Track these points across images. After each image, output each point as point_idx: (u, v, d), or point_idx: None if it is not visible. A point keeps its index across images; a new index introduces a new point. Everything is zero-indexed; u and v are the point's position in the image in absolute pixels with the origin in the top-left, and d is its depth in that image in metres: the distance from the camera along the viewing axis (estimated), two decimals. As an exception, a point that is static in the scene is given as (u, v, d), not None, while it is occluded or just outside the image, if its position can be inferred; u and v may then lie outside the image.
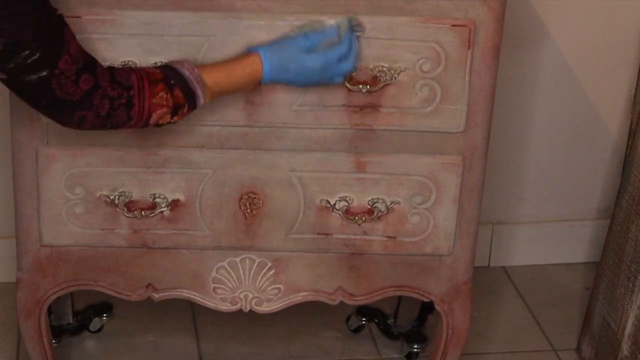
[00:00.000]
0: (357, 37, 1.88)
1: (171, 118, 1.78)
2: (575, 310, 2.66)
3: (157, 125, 1.79)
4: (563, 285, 2.77)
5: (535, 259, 2.83)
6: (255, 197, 2.00)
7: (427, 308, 2.39)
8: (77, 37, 1.86)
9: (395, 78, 1.92)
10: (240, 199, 2.00)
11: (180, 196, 1.99)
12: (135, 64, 1.88)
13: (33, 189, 1.97)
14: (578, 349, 2.52)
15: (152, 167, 1.97)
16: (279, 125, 1.95)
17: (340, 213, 2.01)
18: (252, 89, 1.88)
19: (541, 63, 2.63)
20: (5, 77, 1.65)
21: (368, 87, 1.91)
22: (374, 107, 1.94)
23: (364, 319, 2.52)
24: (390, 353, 2.49)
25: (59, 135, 1.94)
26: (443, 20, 1.89)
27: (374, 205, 2.01)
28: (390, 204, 2.01)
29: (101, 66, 1.73)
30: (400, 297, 2.48)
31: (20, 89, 1.68)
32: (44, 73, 1.64)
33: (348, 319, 2.54)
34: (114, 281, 2.07)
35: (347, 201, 2.01)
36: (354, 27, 1.87)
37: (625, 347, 2.31)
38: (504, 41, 1.95)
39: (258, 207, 2.00)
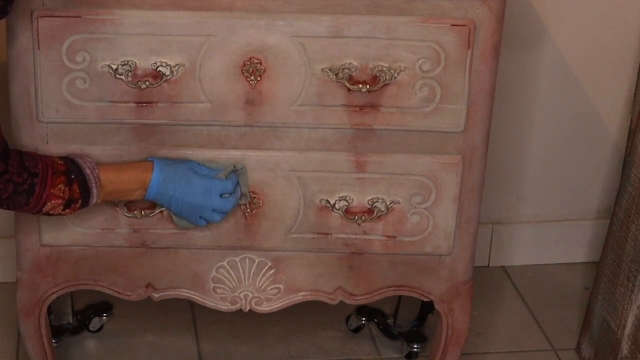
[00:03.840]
0: (239, 186, 1.97)
1: (62, 210, 1.84)
2: (575, 310, 2.66)
3: (47, 214, 1.84)
4: (563, 285, 2.77)
5: (535, 259, 2.83)
6: (255, 197, 2.00)
7: (427, 308, 2.39)
8: (77, 37, 1.86)
9: (395, 78, 1.92)
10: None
11: (180, 196, 1.99)
12: (135, 64, 1.88)
13: (33, 189, 1.97)
14: (578, 349, 2.52)
15: (152, 167, 1.97)
16: (279, 125, 1.95)
17: (340, 213, 2.01)
18: (139, 196, 1.92)
19: (541, 63, 2.63)
20: None
21: (368, 87, 1.92)
22: (374, 107, 1.94)
23: (364, 319, 2.52)
24: (390, 353, 2.49)
25: (59, 135, 1.94)
26: (443, 20, 1.89)
27: (374, 205, 2.01)
28: (390, 203, 2.01)
29: (13, 152, 1.78)
30: (400, 297, 2.48)
31: None
32: None
33: (348, 319, 2.54)
34: (114, 281, 2.07)
35: (347, 201, 2.01)
36: (239, 176, 1.96)
37: (625, 347, 2.31)
38: (504, 41, 1.95)
39: (258, 207, 2.00)
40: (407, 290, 2.11)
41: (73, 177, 1.84)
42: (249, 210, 2.00)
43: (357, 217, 2.01)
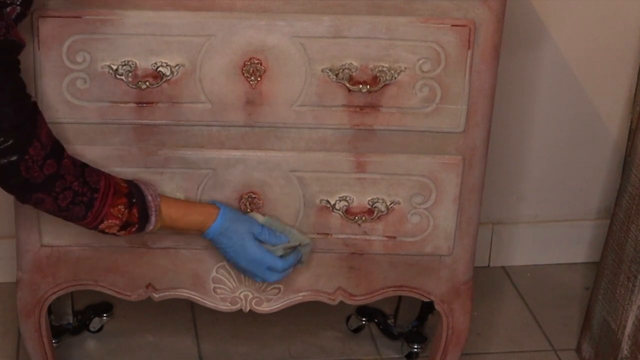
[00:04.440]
0: (300, 259, 1.99)
1: (117, 231, 1.86)
2: (575, 310, 2.66)
3: (101, 231, 1.85)
4: (563, 285, 2.77)
5: (535, 259, 2.83)
6: (255, 197, 2.00)
7: (427, 308, 2.39)
8: (77, 37, 1.86)
9: (395, 78, 1.92)
10: (240, 199, 2.00)
11: (180, 196, 1.99)
12: (135, 64, 1.88)
13: (33, 189, 1.97)
14: (578, 349, 2.52)
15: (152, 167, 1.97)
16: (279, 125, 1.95)
17: (340, 213, 2.01)
18: (194, 234, 1.96)
19: (541, 63, 2.63)
20: None
21: (368, 87, 1.92)
22: (374, 107, 1.94)
23: (364, 319, 2.52)
24: (390, 353, 2.49)
25: (59, 135, 1.94)
26: (443, 20, 1.89)
27: (374, 205, 2.01)
28: (390, 204, 2.01)
29: (70, 158, 1.79)
30: (400, 297, 2.48)
31: None
32: (14, 158, 1.70)
33: (348, 319, 2.54)
34: (114, 281, 2.07)
35: (347, 201, 2.01)
36: (302, 253, 1.99)
37: (625, 347, 2.31)
38: (504, 41, 1.95)
39: (258, 207, 2.00)
40: (407, 290, 2.11)
41: (134, 200, 1.85)
42: (248, 210, 2.00)
43: (357, 217, 2.01)
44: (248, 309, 2.10)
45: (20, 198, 1.79)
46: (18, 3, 1.66)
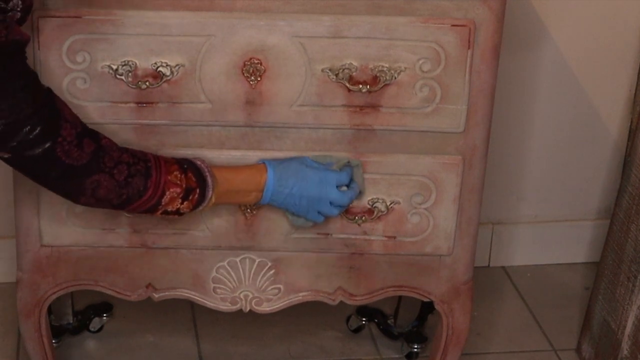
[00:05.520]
0: (357, 183, 1.96)
1: (181, 203, 1.81)
2: (575, 310, 2.66)
3: (164, 212, 1.80)
4: (563, 285, 2.77)
5: (535, 259, 2.83)
6: (255, 197, 2.00)
7: (427, 308, 2.39)
8: (77, 37, 1.86)
9: (395, 78, 1.92)
10: (240, 199, 2.00)
11: (180, 196, 1.99)
12: (135, 64, 1.88)
13: (33, 189, 1.97)
14: (578, 349, 2.52)
15: (152, 167, 1.97)
16: (278, 125, 1.95)
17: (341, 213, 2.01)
18: (255, 198, 1.91)
19: (541, 63, 2.63)
20: (8, 155, 1.67)
21: (368, 87, 1.92)
22: (374, 107, 1.94)
23: (364, 319, 2.52)
24: (390, 353, 2.49)
25: (59, 135, 1.94)
26: (443, 20, 1.89)
27: (374, 205, 2.01)
28: (390, 203, 2.01)
29: (107, 138, 1.76)
30: (400, 297, 2.48)
31: (26, 165, 1.70)
32: (48, 144, 1.66)
33: (348, 319, 2.54)
34: (114, 281, 2.07)
35: (347, 201, 2.01)
36: (354, 170, 1.95)
37: (625, 347, 2.31)
38: (504, 41, 1.95)
39: (258, 206, 2.00)
40: (407, 290, 2.11)
41: (185, 166, 1.82)
42: (249, 210, 2.00)
43: (357, 217, 2.01)
44: (248, 309, 2.10)
45: (74, 191, 1.73)
46: (19, 9, 1.66)
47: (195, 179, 1.82)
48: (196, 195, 1.83)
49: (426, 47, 1.90)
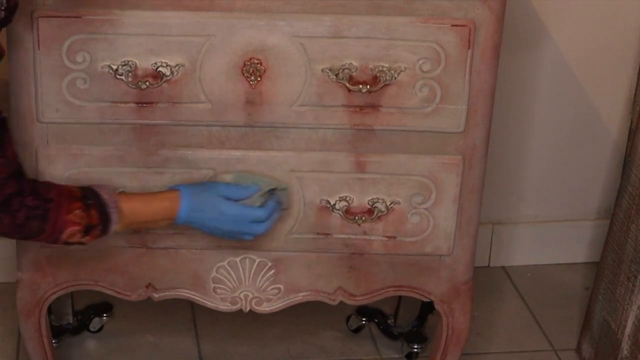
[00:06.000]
0: (281, 206, 1.95)
1: (82, 237, 1.82)
2: (575, 310, 2.66)
3: (66, 243, 1.82)
4: (563, 285, 2.77)
5: (535, 259, 2.83)
6: (255, 197, 2.00)
7: (427, 308, 2.39)
8: (77, 37, 1.86)
9: (395, 78, 1.92)
10: (240, 199, 2.00)
11: (180, 196, 1.99)
12: (135, 64, 1.88)
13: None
14: (578, 349, 2.52)
15: (152, 167, 1.97)
16: (279, 126, 1.95)
17: (340, 213, 2.01)
18: (165, 225, 1.90)
19: (541, 63, 2.63)
20: None
21: (368, 87, 1.92)
22: (374, 107, 1.94)
23: (364, 319, 2.52)
24: (390, 353, 2.49)
25: (59, 135, 1.94)
26: (443, 20, 1.89)
27: (374, 205, 2.01)
28: (390, 204, 2.01)
29: (26, 175, 1.79)
30: (400, 297, 2.48)
31: None
32: None
33: (348, 319, 2.54)
34: (114, 281, 2.07)
35: (347, 201, 2.01)
36: (280, 198, 1.94)
37: (625, 347, 2.31)
38: (504, 41, 1.95)
39: (258, 207, 2.00)
40: (407, 290, 2.11)
41: (90, 202, 1.81)
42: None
43: (357, 217, 2.01)
44: (248, 309, 2.10)
45: None
46: (3, 8, 1.65)
47: (98, 215, 1.82)
48: (97, 231, 1.83)
49: (426, 47, 1.90)
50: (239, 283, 2.08)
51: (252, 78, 1.91)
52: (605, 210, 2.81)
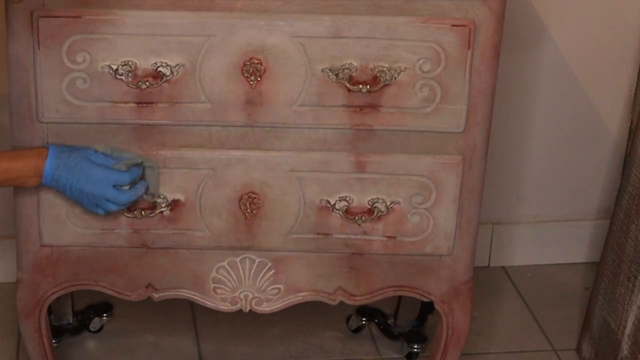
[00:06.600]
0: (147, 185, 1.95)
1: None
2: (575, 310, 2.66)
3: None
4: (563, 285, 2.77)
5: (535, 259, 2.83)
6: (255, 197, 2.00)
7: (427, 308, 2.39)
8: (77, 37, 1.87)
9: (395, 78, 1.92)
10: (240, 199, 2.00)
11: (180, 196, 1.99)
12: (135, 64, 1.88)
13: (33, 189, 1.97)
14: (578, 349, 2.52)
15: (152, 167, 1.97)
16: (279, 125, 1.95)
17: (340, 213, 2.01)
18: (34, 183, 1.89)
19: (541, 63, 2.63)
20: None
21: (368, 87, 1.92)
22: (374, 107, 1.94)
23: (364, 319, 2.52)
24: (390, 353, 2.49)
25: (59, 135, 1.94)
26: (443, 20, 1.89)
27: (374, 205, 2.01)
28: (390, 204, 2.01)
29: None
30: (400, 297, 2.48)
31: None
32: None
33: (348, 319, 2.54)
34: (114, 281, 2.07)
35: (347, 201, 2.01)
36: (147, 171, 1.94)
37: (625, 347, 2.31)
38: (504, 41, 1.95)
39: (258, 207, 2.00)
40: (407, 290, 2.11)
41: None
42: (248, 210, 2.00)
43: (357, 217, 2.01)
44: (248, 309, 2.10)
45: None
46: None
47: None
48: None
49: (426, 47, 1.90)
50: (239, 283, 2.08)
51: (252, 78, 1.91)
52: (605, 210, 2.81)
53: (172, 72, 1.90)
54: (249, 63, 1.90)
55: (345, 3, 1.88)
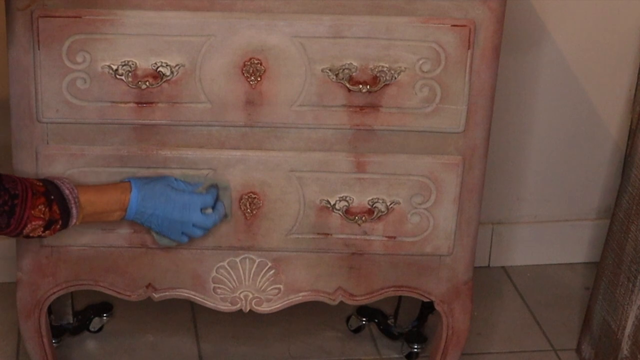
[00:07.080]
0: (224, 206, 1.98)
1: (42, 232, 1.83)
2: (575, 310, 2.66)
3: (27, 236, 1.83)
4: (563, 285, 2.77)
5: (535, 259, 2.83)
6: (255, 197, 2.00)
7: (427, 308, 2.39)
8: (77, 37, 1.86)
9: (395, 78, 1.92)
10: (240, 199, 2.00)
11: (180, 196, 1.99)
12: (135, 64, 1.88)
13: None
14: (578, 349, 2.52)
15: (152, 167, 1.97)
16: (279, 125, 1.95)
17: (340, 213, 2.01)
18: (118, 217, 1.92)
19: (541, 63, 2.63)
20: None
21: (368, 87, 1.92)
22: (374, 107, 1.94)
23: (364, 319, 2.52)
24: (390, 353, 2.49)
25: (59, 135, 1.94)
26: (443, 20, 1.89)
27: (374, 205, 2.01)
28: (390, 204, 2.01)
29: (6, 177, 1.78)
30: (400, 297, 2.48)
31: None
32: None
33: (348, 319, 2.54)
34: (114, 281, 2.07)
35: (347, 201, 2.01)
36: (221, 193, 1.97)
37: (625, 347, 2.31)
38: (504, 41, 1.95)
39: (258, 207, 2.00)
40: (407, 290, 2.11)
41: (52, 197, 1.82)
42: (249, 210, 2.00)
43: (357, 217, 2.01)
44: (248, 309, 2.10)
45: None
46: None
47: (59, 211, 1.83)
48: (58, 226, 1.84)
49: (426, 47, 1.90)
50: (239, 283, 2.08)
51: (252, 78, 1.91)
52: (605, 210, 2.81)
53: (172, 72, 1.90)
54: (249, 63, 1.90)
55: (345, 3, 1.88)
